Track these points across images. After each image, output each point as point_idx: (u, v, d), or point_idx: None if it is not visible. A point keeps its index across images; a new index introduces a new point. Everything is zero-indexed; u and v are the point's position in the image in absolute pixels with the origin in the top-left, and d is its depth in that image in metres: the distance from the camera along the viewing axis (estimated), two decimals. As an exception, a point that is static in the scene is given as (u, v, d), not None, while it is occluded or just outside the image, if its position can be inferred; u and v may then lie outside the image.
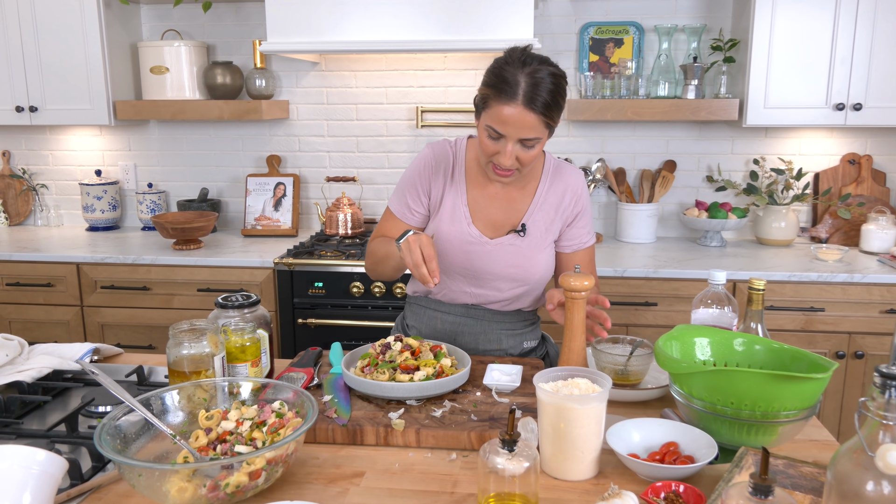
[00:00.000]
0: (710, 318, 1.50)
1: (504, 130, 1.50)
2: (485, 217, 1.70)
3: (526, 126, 1.48)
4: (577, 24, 3.11)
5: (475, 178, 1.71)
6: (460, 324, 1.76)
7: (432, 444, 1.26)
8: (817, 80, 2.74)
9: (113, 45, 3.07)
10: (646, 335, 2.65)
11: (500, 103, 1.47)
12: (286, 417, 1.18)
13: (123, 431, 1.14)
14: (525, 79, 1.46)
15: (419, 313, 1.82)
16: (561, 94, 1.51)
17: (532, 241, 1.70)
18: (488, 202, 1.71)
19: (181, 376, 1.28)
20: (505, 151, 1.52)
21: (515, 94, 1.46)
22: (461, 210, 1.69)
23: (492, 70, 1.52)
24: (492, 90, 1.49)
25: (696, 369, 1.22)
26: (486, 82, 1.52)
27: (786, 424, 1.20)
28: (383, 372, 1.38)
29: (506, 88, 1.46)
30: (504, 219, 1.71)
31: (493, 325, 1.76)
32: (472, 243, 1.69)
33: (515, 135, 1.50)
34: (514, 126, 1.48)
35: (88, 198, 3.33)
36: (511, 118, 1.47)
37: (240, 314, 1.48)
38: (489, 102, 1.50)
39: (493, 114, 1.49)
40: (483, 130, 1.55)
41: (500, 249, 1.69)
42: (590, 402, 1.13)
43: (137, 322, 2.88)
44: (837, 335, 2.60)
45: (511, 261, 1.69)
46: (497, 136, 1.52)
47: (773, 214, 3.02)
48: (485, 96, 1.52)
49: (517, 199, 1.72)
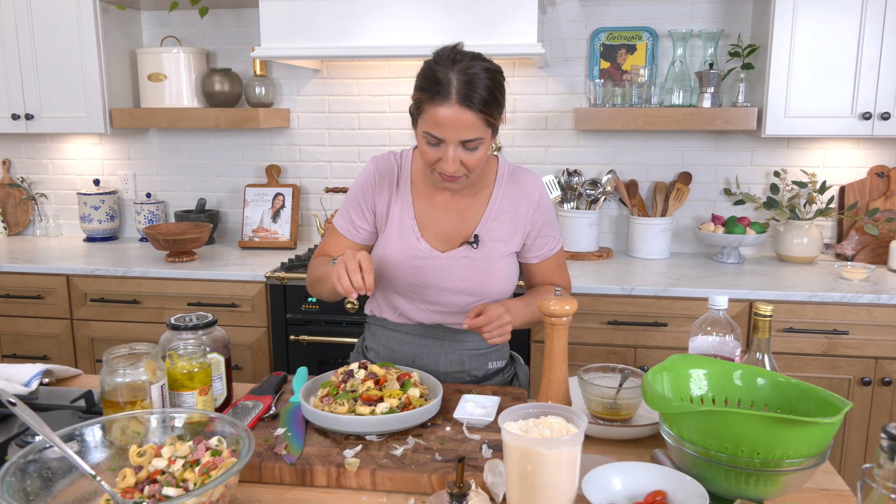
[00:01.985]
0: (711, 347, 1.35)
1: (442, 134, 1.40)
2: (434, 230, 1.59)
3: (464, 126, 1.39)
4: (588, 30, 2.98)
5: (422, 190, 1.61)
6: (419, 344, 1.64)
7: (389, 488, 1.13)
8: (842, 87, 2.57)
9: (111, 51, 3.00)
10: (655, 357, 2.49)
11: (434, 105, 1.38)
12: (222, 456, 1.06)
13: (49, 468, 1.03)
14: (457, 76, 1.38)
15: (377, 334, 1.71)
16: (498, 89, 1.43)
17: (487, 253, 1.59)
18: (437, 214, 1.60)
19: (115, 407, 1.17)
20: (447, 157, 1.42)
21: (449, 94, 1.37)
22: (408, 224, 1.59)
23: (422, 73, 1.43)
24: (424, 93, 1.40)
25: (686, 409, 1.07)
26: (417, 86, 1.43)
27: (790, 473, 1.04)
28: (342, 403, 1.25)
29: (438, 89, 1.38)
30: (455, 230, 1.60)
31: (454, 346, 1.64)
32: (421, 258, 1.58)
33: (455, 137, 1.40)
34: (451, 128, 1.39)
35: (86, 208, 3.27)
36: (447, 119, 1.38)
37: (194, 336, 1.36)
38: (423, 107, 1.41)
39: (429, 118, 1.40)
40: (421, 138, 1.45)
41: (452, 263, 1.58)
42: (560, 447, 0.99)
43: (127, 336, 2.79)
44: (863, 360, 2.42)
45: (465, 274, 1.58)
46: (436, 142, 1.42)
47: (794, 230, 2.84)
48: (418, 101, 1.42)
49: (468, 208, 1.60)
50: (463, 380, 1.65)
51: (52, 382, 1.56)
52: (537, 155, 3.08)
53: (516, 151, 3.09)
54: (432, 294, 1.59)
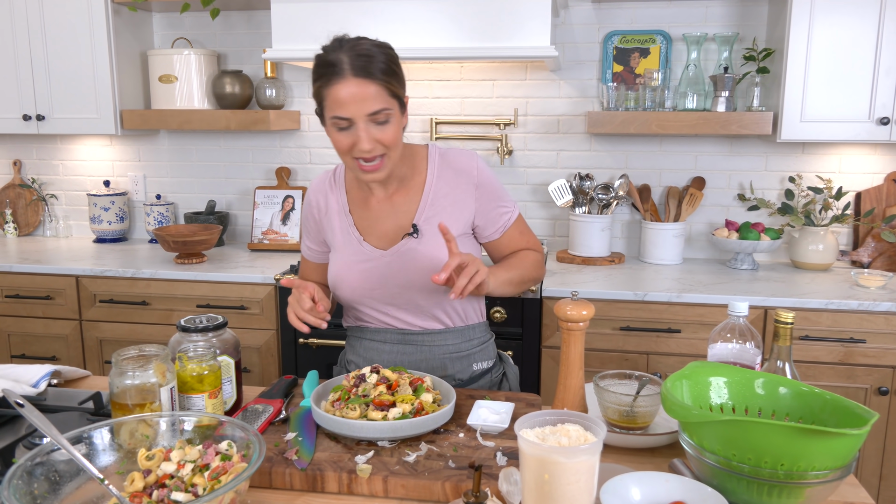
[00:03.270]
0: (730, 355, 1.32)
1: (347, 112, 1.38)
2: (375, 232, 1.59)
3: (367, 98, 1.38)
4: (601, 33, 2.95)
5: (356, 198, 1.62)
6: (398, 352, 1.61)
7: (401, 495, 1.11)
8: (859, 92, 2.54)
9: (122, 53, 3.00)
10: (668, 364, 2.46)
11: (333, 86, 1.38)
12: (232, 461, 1.04)
13: (57, 471, 1.01)
14: (347, 54, 1.39)
15: (356, 346, 1.68)
16: (393, 61, 1.44)
17: (430, 240, 1.55)
18: (374, 216, 1.59)
19: (124, 409, 1.15)
20: (359, 135, 1.40)
21: (343, 72, 1.37)
22: (349, 232, 1.60)
23: (315, 65, 1.44)
24: (321, 79, 1.41)
25: (707, 418, 1.04)
26: (314, 79, 1.44)
27: (814, 486, 1.01)
28: (354, 408, 1.23)
29: (332, 70, 1.38)
30: (395, 227, 1.58)
31: (434, 350, 1.61)
32: (367, 260, 1.57)
33: (360, 111, 1.38)
34: (354, 102, 1.38)
35: (96, 209, 3.26)
36: (348, 95, 1.37)
37: (204, 338, 1.35)
38: (323, 93, 1.41)
39: (331, 101, 1.40)
40: (331, 128, 1.44)
41: (398, 259, 1.56)
42: (579, 455, 0.96)
43: (136, 338, 2.78)
44: (880, 369, 2.38)
45: (415, 265, 1.55)
46: (346, 125, 1.41)
47: (809, 236, 2.80)
48: (318, 91, 1.43)
49: (403, 202, 1.58)
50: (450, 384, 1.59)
51: (60, 384, 1.55)
52: (549, 158, 3.06)
53: (527, 155, 3.07)
54: (390, 295, 1.57)
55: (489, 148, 3.08)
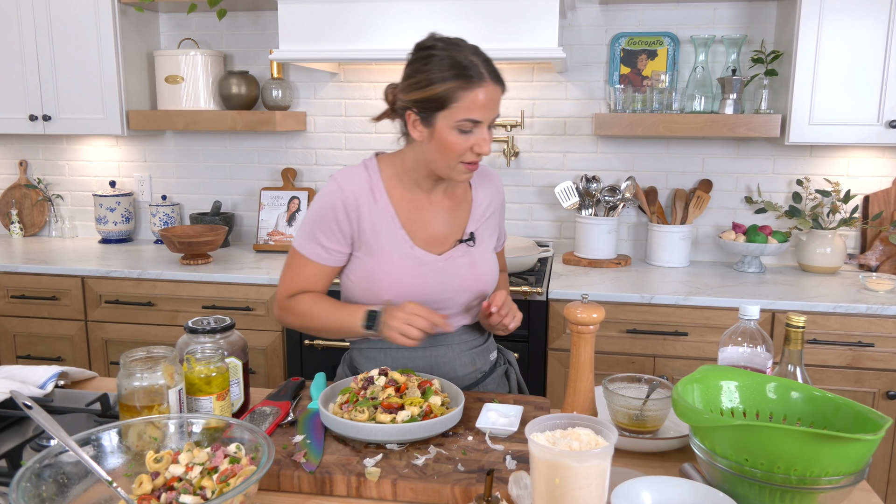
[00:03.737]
0: (741, 358, 1.31)
1: (482, 115, 1.42)
2: (424, 235, 1.55)
3: (496, 103, 1.45)
4: (608, 35, 2.94)
5: (400, 198, 1.54)
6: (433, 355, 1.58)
7: (410, 498, 1.10)
8: (868, 94, 2.52)
9: (129, 53, 3.00)
10: (675, 367, 2.45)
11: (473, 89, 1.39)
12: (241, 464, 1.03)
13: (65, 473, 1.01)
14: (477, 58, 1.41)
15: (377, 358, 1.59)
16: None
17: (481, 249, 1.61)
18: (424, 218, 1.56)
19: (131, 411, 1.14)
20: (484, 137, 1.44)
21: (482, 75, 1.40)
22: (398, 235, 1.52)
23: (441, 63, 1.40)
24: (459, 80, 1.39)
25: (720, 422, 1.03)
26: (445, 77, 1.39)
27: (827, 491, 1.00)
28: (362, 410, 1.22)
29: (472, 73, 1.39)
30: (446, 231, 1.57)
31: (462, 347, 1.61)
32: (420, 265, 1.53)
33: (490, 115, 1.44)
34: (490, 106, 1.42)
35: (101, 209, 3.26)
36: (487, 100, 1.41)
37: (212, 340, 1.34)
38: (456, 95, 1.39)
39: (467, 104, 1.40)
40: (450, 130, 1.42)
41: (451, 264, 1.55)
42: (590, 460, 0.96)
43: (141, 339, 2.78)
44: (888, 373, 2.36)
45: (465, 273, 1.56)
46: (471, 127, 1.42)
47: (817, 239, 2.79)
48: (449, 91, 1.39)
49: (453, 207, 1.59)
50: (475, 378, 1.62)
51: (67, 385, 1.54)
52: (555, 160, 3.05)
53: (534, 157, 3.06)
54: (437, 299, 1.55)
55: (495, 150, 3.07)
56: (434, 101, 1.40)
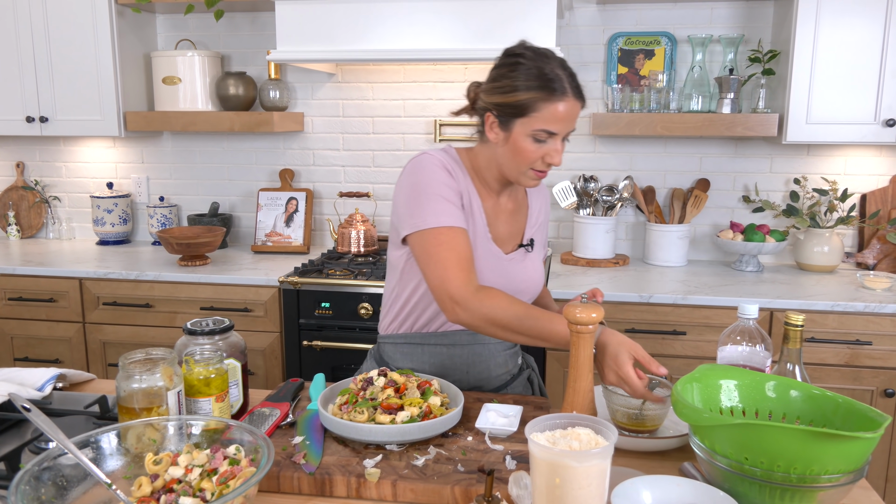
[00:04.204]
0: (740, 357, 1.31)
1: (558, 128, 1.44)
2: (496, 231, 1.60)
3: (574, 118, 1.47)
4: (606, 35, 2.95)
5: (481, 190, 1.59)
6: (469, 353, 1.58)
7: (410, 499, 1.10)
8: (865, 94, 2.53)
9: (126, 54, 3.00)
10: (673, 366, 2.45)
11: (554, 102, 1.41)
12: (240, 465, 1.03)
13: (60, 475, 1.01)
14: (563, 72, 1.43)
15: (415, 353, 1.59)
16: None
17: (536, 254, 1.66)
18: (497, 215, 1.61)
19: (130, 413, 1.14)
20: (557, 148, 1.47)
21: (565, 90, 1.42)
22: (481, 223, 1.56)
23: (525, 72, 1.42)
24: (542, 91, 1.41)
25: (720, 421, 1.03)
26: (529, 86, 1.41)
27: (827, 490, 1.01)
28: (362, 411, 1.22)
29: (555, 86, 1.41)
30: (510, 232, 1.63)
31: (497, 348, 1.62)
32: (494, 259, 1.57)
33: (567, 129, 1.46)
34: (567, 121, 1.45)
35: (99, 211, 3.26)
36: (566, 114, 1.43)
37: (210, 341, 1.34)
38: (537, 105, 1.41)
39: (547, 114, 1.42)
40: (525, 137, 1.44)
41: (512, 265, 1.59)
42: (590, 460, 0.96)
43: (139, 340, 2.77)
44: (886, 371, 2.37)
45: (521, 275, 1.60)
46: (546, 137, 1.44)
47: (814, 238, 2.79)
48: (531, 100, 1.41)
49: (515, 212, 1.64)
50: (505, 380, 1.64)
51: (65, 387, 1.54)
52: (553, 160, 3.05)
53: (532, 157, 3.06)
54: None
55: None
56: (515, 108, 1.43)
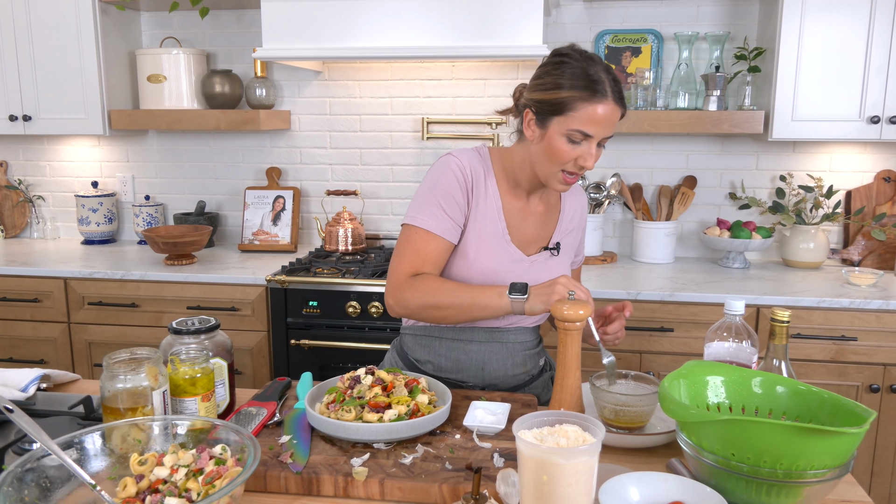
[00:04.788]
0: (727, 353, 1.32)
1: (595, 131, 1.43)
2: (519, 233, 1.60)
3: (613, 123, 1.45)
4: (593, 33, 2.95)
5: (506, 193, 1.60)
6: (486, 351, 1.60)
7: (398, 498, 1.09)
8: (850, 91, 2.54)
9: (110, 52, 2.97)
10: (661, 363, 2.46)
11: (593, 103, 1.41)
12: (226, 465, 1.02)
13: (44, 477, 1.00)
14: (606, 75, 1.43)
15: (433, 346, 1.62)
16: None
17: (561, 260, 1.65)
18: (521, 217, 1.61)
19: (115, 413, 1.13)
20: (591, 152, 1.46)
21: (606, 93, 1.42)
22: (499, 225, 1.57)
23: (570, 72, 1.41)
24: (583, 91, 1.41)
25: (706, 417, 1.04)
26: (572, 85, 1.41)
27: (813, 485, 1.01)
28: (349, 410, 1.22)
29: (597, 87, 1.41)
30: (536, 235, 1.63)
31: (517, 347, 1.63)
32: (512, 261, 1.58)
33: (604, 133, 1.45)
34: (604, 125, 1.44)
35: (84, 210, 3.23)
36: (604, 117, 1.42)
37: (196, 340, 1.33)
38: (576, 105, 1.41)
39: (584, 116, 1.41)
40: (560, 136, 1.44)
41: (535, 267, 1.60)
42: (578, 457, 0.96)
43: (125, 340, 2.75)
44: (871, 367, 2.39)
45: (542, 279, 1.56)
46: (581, 139, 1.44)
47: (800, 235, 2.81)
48: (571, 99, 1.41)
49: (545, 214, 1.64)
50: (523, 380, 1.64)
51: (49, 387, 1.53)
52: (541, 158, 3.05)
53: (520, 155, 3.06)
54: None
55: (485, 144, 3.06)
56: (553, 105, 1.43)
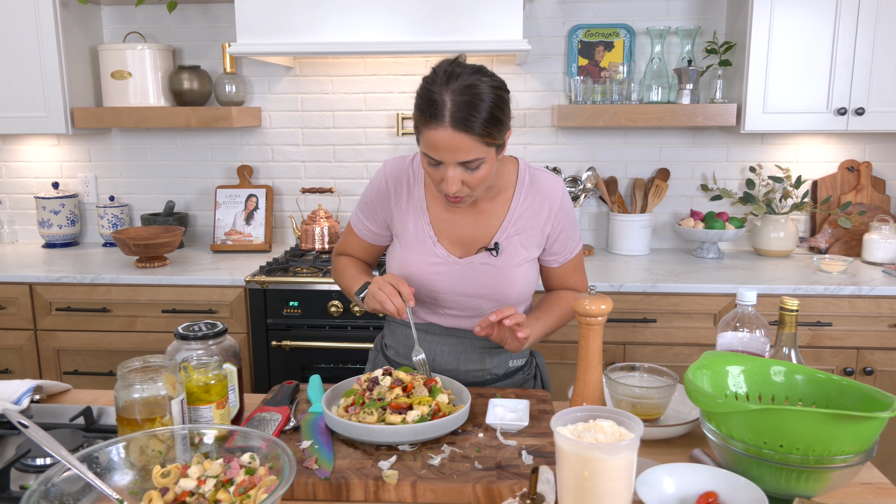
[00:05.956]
0: (739, 344, 1.34)
1: (439, 156, 1.34)
2: (451, 235, 1.55)
3: (461, 149, 1.32)
4: (566, 27, 2.96)
5: (436, 195, 1.55)
6: (440, 343, 1.60)
7: (430, 500, 1.08)
8: (818, 83, 2.61)
9: (71, 48, 2.85)
10: (644, 354, 2.49)
11: (430, 128, 1.32)
12: (257, 474, 0.99)
13: (62, 493, 0.95)
14: (451, 97, 1.30)
15: (397, 332, 1.67)
16: (499, 106, 1.35)
17: (506, 259, 1.54)
18: (454, 219, 1.55)
19: (132, 424, 1.08)
20: (447, 178, 1.36)
21: (442, 117, 1.30)
22: (424, 230, 1.54)
23: (419, 91, 1.36)
24: (420, 114, 1.34)
25: (738, 407, 1.05)
26: (415, 105, 1.36)
27: (840, 470, 1.03)
28: (371, 412, 1.19)
29: (433, 111, 1.31)
30: (473, 236, 1.55)
31: (474, 343, 1.60)
32: (438, 264, 1.53)
33: (452, 159, 1.34)
34: (447, 150, 1.32)
35: (45, 212, 3.10)
36: (443, 143, 1.31)
37: (204, 346, 1.29)
38: (419, 128, 1.35)
39: (425, 140, 1.34)
40: (423, 158, 1.39)
41: (470, 269, 1.53)
42: (620, 451, 0.96)
43: (97, 346, 2.66)
44: (845, 351, 2.46)
45: (483, 281, 1.53)
46: (436, 163, 1.37)
47: (771, 224, 2.88)
48: (416, 121, 1.36)
49: (487, 213, 1.54)
50: (483, 378, 1.60)
51: (42, 399, 1.46)
52: (516, 153, 3.05)
53: (495, 149, 3.06)
54: (450, 300, 1.55)
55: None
56: (414, 125, 1.39)
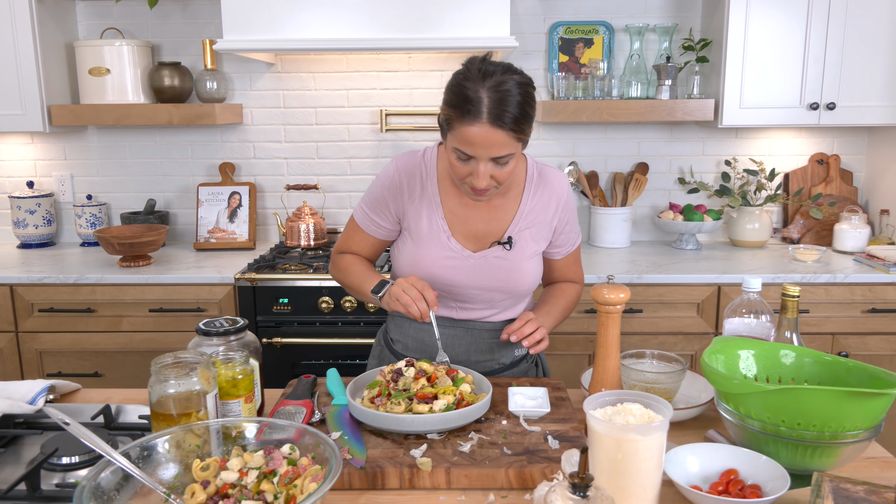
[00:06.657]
0: (746, 329, 1.39)
1: (473, 152, 1.38)
2: (465, 229, 1.58)
3: (496, 144, 1.36)
4: (547, 24, 3.01)
5: (450, 190, 1.58)
6: (449, 335, 1.63)
7: (465, 485, 1.11)
8: (791, 79, 2.71)
9: (47, 44, 2.80)
10: (632, 343, 2.56)
11: (465, 124, 1.35)
12: (301, 465, 1.01)
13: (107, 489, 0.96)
14: (488, 94, 1.34)
15: (404, 326, 1.68)
16: (530, 103, 1.40)
17: (518, 253, 1.59)
18: (467, 213, 1.58)
19: (167, 419, 1.09)
20: (478, 173, 1.40)
21: (480, 113, 1.34)
22: (438, 224, 1.57)
23: (451, 88, 1.39)
24: (454, 111, 1.37)
25: (757, 388, 1.10)
26: (447, 101, 1.40)
27: (851, 444, 1.09)
28: (398, 402, 1.22)
29: (469, 108, 1.34)
30: (486, 230, 1.59)
31: (483, 334, 1.64)
32: (453, 258, 1.56)
33: (486, 155, 1.38)
34: (483, 146, 1.37)
35: (20, 212, 3.04)
36: (479, 138, 1.35)
37: (225, 342, 1.29)
38: (453, 123, 1.38)
39: (459, 135, 1.37)
40: (451, 152, 1.42)
41: (483, 263, 1.57)
42: (653, 433, 1.00)
43: (81, 348, 2.62)
44: (821, 336, 2.57)
45: (496, 274, 1.58)
46: (467, 158, 1.40)
47: (746, 216, 2.98)
48: (448, 117, 1.39)
49: (499, 207, 1.59)
50: (492, 367, 1.65)
51: (56, 399, 1.45)
52: (499, 148, 3.09)
53: (478, 145, 3.09)
54: (463, 293, 1.59)
55: (438, 139, 3.08)
56: (444, 120, 1.42)
